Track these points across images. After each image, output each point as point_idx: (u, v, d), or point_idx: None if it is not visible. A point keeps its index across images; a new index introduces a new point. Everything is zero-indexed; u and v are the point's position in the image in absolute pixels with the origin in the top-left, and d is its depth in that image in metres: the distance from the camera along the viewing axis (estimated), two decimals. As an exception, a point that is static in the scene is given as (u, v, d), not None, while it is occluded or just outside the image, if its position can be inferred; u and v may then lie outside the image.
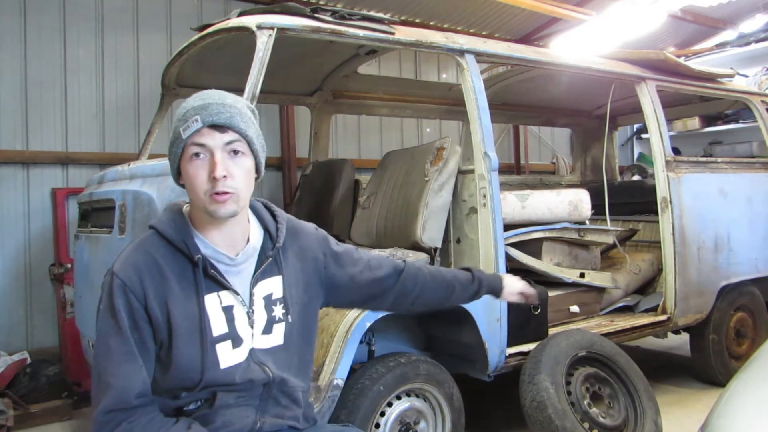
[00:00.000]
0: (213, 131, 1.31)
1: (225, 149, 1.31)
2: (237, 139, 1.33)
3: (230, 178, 1.30)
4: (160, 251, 1.35)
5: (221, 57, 2.91)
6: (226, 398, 1.36)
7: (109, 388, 1.27)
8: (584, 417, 2.46)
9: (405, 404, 2.39)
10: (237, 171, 1.32)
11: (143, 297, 1.31)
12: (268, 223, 1.48)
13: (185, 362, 1.32)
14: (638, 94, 3.44)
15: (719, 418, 1.42)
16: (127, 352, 1.29)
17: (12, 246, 3.92)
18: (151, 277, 1.32)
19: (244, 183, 1.35)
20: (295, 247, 1.51)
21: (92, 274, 2.60)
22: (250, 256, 1.42)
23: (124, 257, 1.36)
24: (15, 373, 3.56)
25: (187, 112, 1.33)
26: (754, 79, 5.99)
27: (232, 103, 1.35)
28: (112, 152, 4.18)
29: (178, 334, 1.32)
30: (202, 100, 1.34)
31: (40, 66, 4.00)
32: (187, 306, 1.33)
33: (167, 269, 1.34)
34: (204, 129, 1.30)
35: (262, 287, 1.42)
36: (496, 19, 5.85)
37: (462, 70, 2.75)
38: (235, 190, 1.31)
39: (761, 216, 3.74)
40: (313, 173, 3.71)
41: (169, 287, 1.33)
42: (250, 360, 1.37)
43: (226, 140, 1.32)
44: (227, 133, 1.32)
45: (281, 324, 1.43)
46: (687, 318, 3.38)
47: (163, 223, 1.38)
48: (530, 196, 3.19)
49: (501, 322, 2.60)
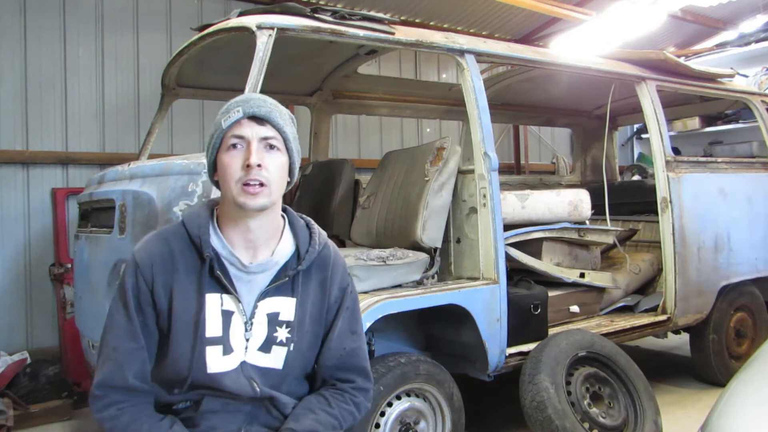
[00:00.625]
0: (252, 123, 1.35)
1: (261, 142, 1.35)
2: (274, 135, 1.36)
3: (264, 169, 1.33)
4: (177, 242, 1.38)
5: (221, 57, 2.91)
6: (213, 404, 1.35)
7: (107, 361, 1.32)
8: (584, 417, 2.46)
9: (405, 404, 2.39)
10: (271, 164, 1.34)
11: (151, 281, 1.35)
12: (301, 242, 1.45)
13: (177, 356, 1.33)
14: (638, 94, 3.44)
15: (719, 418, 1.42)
16: (131, 331, 1.33)
17: (12, 246, 3.92)
18: (163, 264, 1.36)
19: (277, 177, 1.36)
20: (321, 276, 1.47)
21: (92, 274, 2.60)
22: (268, 269, 1.40)
23: (144, 240, 1.41)
24: (15, 373, 3.56)
25: (230, 105, 1.38)
26: (754, 79, 5.98)
27: (273, 102, 1.40)
28: (112, 152, 4.18)
29: (177, 326, 1.34)
30: (246, 95, 1.40)
31: (40, 66, 4.01)
32: (188, 300, 1.35)
33: (180, 261, 1.37)
34: (244, 120, 1.34)
35: (269, 303, 1.40)
36: (496, 19, 5.86)
37: (462, 70, 2.75)
38: (268, 182, 1.33)
39: (761, 216, 3.74)
40: (313, 173, 3.71)
41: (177, 278, 1.35)
42: (240, 372, 1.36)
43: (263, 134, 1.35)
44: (265, 127, 1.35)
45: (283, 348, 1.40)
46: (687, 318, 3.38)
47: (190, 216, 1.42)
48: (530, 196, 3.19)
49: (501, 322, 2.59)
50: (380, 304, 2.26)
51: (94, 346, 2.58)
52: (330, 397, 1.45)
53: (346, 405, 1.45)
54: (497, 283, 2.59)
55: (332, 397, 1.45)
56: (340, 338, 1.47)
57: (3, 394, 3.38)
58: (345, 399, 1.46)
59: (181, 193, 2.14)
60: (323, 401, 1.44)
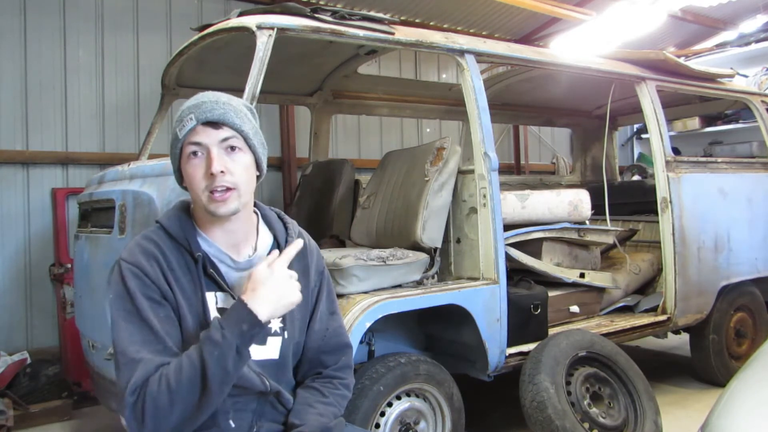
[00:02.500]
0: (208, 128, 1.32)
1: (221, 146, 1.32)
2: (233, 135, 1.33)
3: (228, 174, 1.31)
4: (165, 244, 1.37)
5: (221, 57, 2.91)
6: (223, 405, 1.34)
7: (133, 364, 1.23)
8: (584, 417, 2.46)
9: (405, 404, 2.39)
10: (235, 167, 1.33)
11: (156, 278, 1.32)
12: (278, 234, 1.47)
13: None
14: (638, 94, 3.44)
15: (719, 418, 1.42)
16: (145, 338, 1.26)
17: (12, 246, 3.92)
18: (159, 262, 1.34)
19: (244, 178, 1.34)
20: (303, 264, 1.49)
21: (92, 274, 2.60)
22: (255, 264, 1.40)
23: (131, 246, 1.38)
24: (15, 373, 3.56)
25: (182, 113, 1.35)
26: (754, 79, 5.99)
27: (226, 101, 1.36)
28: (112, 152, 4.18)
29: (185, 324, 1.33)
30: (197, 99, 1.37)
31: (40, 66, 4.00)
32: (192, 299, 1.35)
33: (173, 260, 1.35)
34: (199, 127, 1.32)
35: None
36: (496, 19, 5.86)
37: (462, 70, 2.75)
38: (235, 186, 1.32)
39: (761, 216, 3.74)
40: (313, 173, 3.71)
41: (176, 277, 1.34)
42: (248, 368, 1.36)
43: (221, 137, 1.32)
44: (222, 129, 1.32)
45: (277, 338, 1.42)
46: (687, 318, 3.38)
47: (168, 219, 1.40)
48: (530, 196, 3.19)
49: (501, 322, 2.60)
50: (380, 304, 2.26)
51: (94, 346, 2.58)
52: (321, 388, 1.50)
53: (338, 390, 1.52)
54: (497, 283, 2.59)
55: (323, 387, 1.50)
56: (323, 320, 1.53)
57: (3, 394, 3.38)
58: (335, 385, 1.52)
59: (181, 193, 2.14)
60: (317, 393, 1.48)
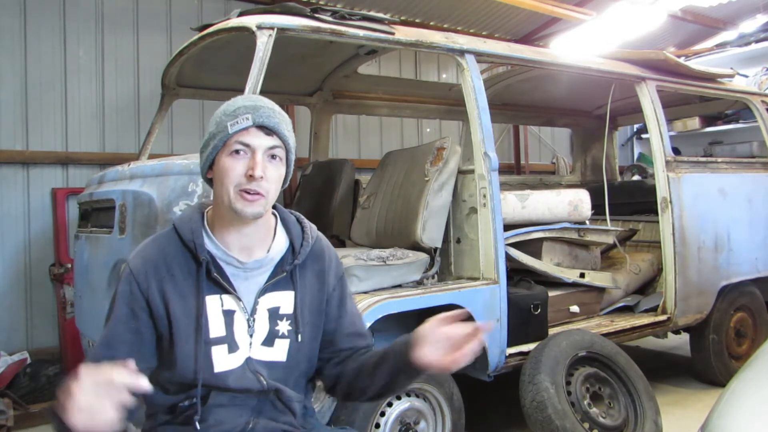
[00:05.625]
0: (260, 132, 1.33)
1: (267, 152, 1.34)
2: (279, 146, 1.35)
3: (265, 180, 1.32)
4: (172, 247, 1.38)
5: (221, 57, 2.91)
6: (220, 398, 1.37)
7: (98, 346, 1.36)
8: (584, 417, 2.46)
9: (405, 404, 2.39)
10: (272, 175, 1.34)
11: (146, 288, 1.35)
12: (295, 237, 1.47)
13: (182, 360, 1.34)
14: (638, 94, 3.44)
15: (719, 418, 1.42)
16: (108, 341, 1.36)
17: (12, 246, 3.92)
18: (157, 270, 1.36)
19: (275, 188, 1.36)
20: (317, 267, 1.50)
21: (92, 274, 2.60)
22: (265, 266, 1.41)
23: (140, 248, 1.41)
24: (15, 373, 3.56)
25: (237, 109, 1.34)
26: (754, 79, 5.99)
27: (279, 111, 1.39)
28: (112, 152, 4.18)
29: (178, 331, 1.34)
30: (253, 101, 1.37)
31: (40, 66, 4.01)
32: (188, 304, 1.35)
33: (176, 265, 1.37)
34: (252, 128, 1.33)
35: (269, 299, 1.41)
36: (496, 19, 5.86)
37: (462, 70, 2.75)
38: (266, 193, 1.33)
39: (761, 216, 3.74)
40: (313, 173, 3.71)
41: (173, 283, 1.35)
42: (245, 368, 1.37)
43: (270, 144, 1.34)
44: (272, 138, 1.34)
45: (285, 340, 1.42)
46: (687, 318, 3.38)
47: (182, 220, 1.42)
48: (530, 196, 3.19)
49: (501, 322, 2.60)
50: (380, 304, 2.26)
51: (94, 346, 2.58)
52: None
53: None
54: (497, 283, 2.59)
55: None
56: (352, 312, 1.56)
57: (3, 394, 3.38)
58: None
59: (181, 193, 2.15)
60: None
